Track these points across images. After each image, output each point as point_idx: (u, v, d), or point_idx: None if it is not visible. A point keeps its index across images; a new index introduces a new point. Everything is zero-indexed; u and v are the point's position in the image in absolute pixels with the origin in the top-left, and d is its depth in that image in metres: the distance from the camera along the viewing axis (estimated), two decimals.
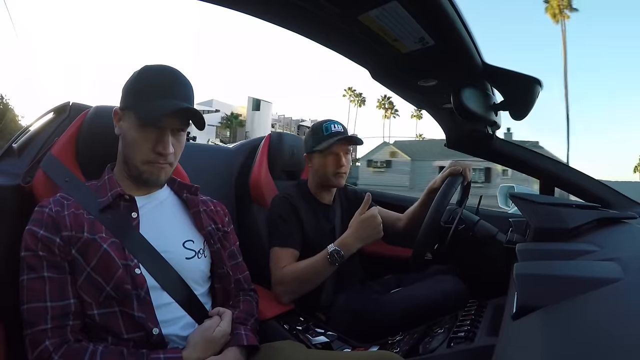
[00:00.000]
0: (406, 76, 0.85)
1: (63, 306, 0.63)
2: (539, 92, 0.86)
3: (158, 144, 0.71)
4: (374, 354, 0.75)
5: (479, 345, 0.69)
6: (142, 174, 0.72)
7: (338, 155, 1.15)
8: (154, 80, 0.71)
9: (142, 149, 0.71)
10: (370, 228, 1.00)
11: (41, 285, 0.63)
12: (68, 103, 0.99)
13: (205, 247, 0.80)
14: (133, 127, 0.70)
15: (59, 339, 0.62)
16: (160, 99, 0.70)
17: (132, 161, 0.72)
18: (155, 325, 0.67)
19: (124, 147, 0.73)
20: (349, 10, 0.58)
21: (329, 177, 1.16)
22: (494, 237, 1.06)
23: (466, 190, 1.17)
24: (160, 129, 0.71)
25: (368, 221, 1.00)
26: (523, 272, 0.50)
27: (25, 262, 0.64)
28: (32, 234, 0.65)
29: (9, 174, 0.87)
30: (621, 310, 0.38)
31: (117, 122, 0.74)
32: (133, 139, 0.71)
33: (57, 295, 0.63)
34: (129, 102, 0.71)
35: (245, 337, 0.74)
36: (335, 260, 0.98)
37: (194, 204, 0.82)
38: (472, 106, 0.88)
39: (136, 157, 0.71)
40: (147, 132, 0.70)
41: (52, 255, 0.64)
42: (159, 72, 0.73)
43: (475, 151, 1.29)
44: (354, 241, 1.00)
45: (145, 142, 0.70)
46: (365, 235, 1.00)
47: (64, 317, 0.63)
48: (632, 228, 0.78)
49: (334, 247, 0.99)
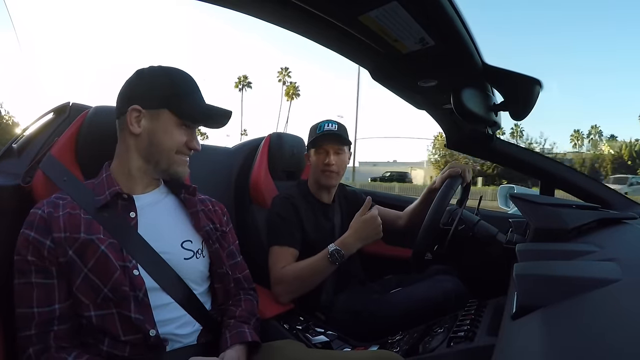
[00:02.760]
0: (406, 76, 0.85)
1: (49, 312, 0.63)
2: (539, 93, 0.87)
3: (192, 141, 0.76)
4: (374, 354, 0.75)
5: (478, 345, 0.69)
6: (173, 165, 0.75)
7: (327, 153, 1.17)
8: (185, 81, 0.76)
9: (180, 143, 0.74)
10: (370, 229, 1.02)
11: (29, 291, 0.63)
12: (68, 103, 0.99)
13: (203, 247, 0.79)
14: (169, 124, 0.73)
15: (42, 345, 0.62)
16: (196, 98, 0.75)
17: (166, 154, 0.74)
18: (152, 326, 0.66)
19: (151, 145, 0.73)
20: (349, 10, 0.59)
21: (318, 174, 1.19)
22: (494, 237, 1.06)
23: (466, 191, 1.17)
24: (192, 128, 0.76)
25: (369, 222, 1.02)
26: (523, 272, 0.50)
27: (16, 266, 0.65)
28: (24, 237, 0.65)
29: (9, 174, 0.87)
30: (620, 310, 0.38)
31: (136, 121, 0.72)
32: (170, 135, 0.73)
33: (44, 301, 0.63)
34: (162, 101, 0.72)
35: (249, 334, 0.74)
36: (336, 260, 1.00)
37: (192, 204, 0.82)
38: (472, 106, 0.88)
39: (172, 149, 0.74)
40: (183, 129, 0.74)
41: (41, 259, 0.64)
42: (184, 73, 0.77)
43: (475, 151, 1.29)
44: (355, 241, 1.02)
45: (181, 137, 0.74)
46: (365, 235, 1.02)
47: (48, 323, 0.63)
48: (632, 228, 0.78)
49: (335, 246, 1.01)
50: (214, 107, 0.76)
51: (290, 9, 0.59)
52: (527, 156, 1.22)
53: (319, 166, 1.18)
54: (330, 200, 1.25)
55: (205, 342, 0.74)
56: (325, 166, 1.16)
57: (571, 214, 0.85)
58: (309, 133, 1.23)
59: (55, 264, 0.65)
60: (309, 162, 1.23)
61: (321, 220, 1.19)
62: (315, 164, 1.19)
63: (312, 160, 1.20)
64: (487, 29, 75.60)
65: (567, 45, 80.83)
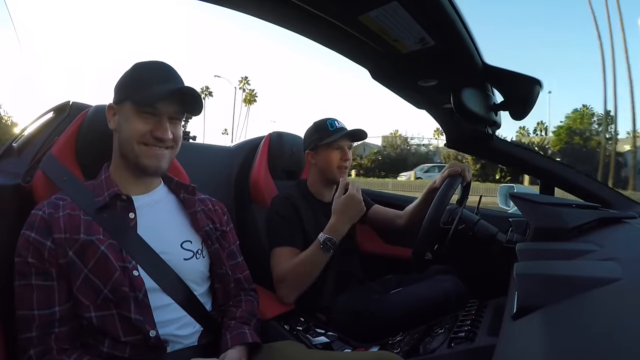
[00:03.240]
0: (406, 76, 0.85)
1: (49, 314, 0.63)
2: (539, 92, 0.86)
3: (156, 130, 0.70)
4: (374, 355, 0.75)
5: (479, 346, 0.69)
6: (139, 157, 0.71)
7: (344, 149, 1.19)
8: (148, 71, 0.73)
9: (140, 132, 0.70)
10: (352, 207, 1.03)
11: (30, 293, 0.63)
12: (68, 102, 0.99)
13: (203, 248, 0.79)
14: (130, 115, 0.70)
15: (43, 347, 0.62)
16: (156, 85, 0.70)
17: (129, 146, 0.71)
18: (152, 327, 0.66)
19: (120, 139, 0.73)
20: (349, 10, 0.58)
21: (334, 171, 1.19)
22: (494, 236, 1.06)
23: (466, 190, 1.17)
24: (157, 116, 0.71)
25: (349, 201, 1.03)
26: (523, 271, 0.50)
27: (16, 268, 0.65)
28: (25, 238, 0.65)
29: (9, 173, 0.87)
30: (621, 310, 0.38)
31: (112, 117, 0.74)
32: (130, 125, 0.70)
33: (44, 303, 0.63)
34: (124, 94, 0.72)
35: (249, 335, 0.74)
36: (329, 248, 1.00)
37: (191, 204, 0.81)
38: (472, 106, 0.88)
39: (133, 140, 0.70)
40: (145, 118, 0.70)
41: (41, 261, 0.64)
42: (151, 63, 0.74)
43: (475, 151, 1.29)
44: (342, 224, 1.03)
45: (143, 126, 0.70)
46: (350, 215, 1.04)
47: (49, 325, 0.63)
48: (632, 228, 0.78)
49: (325, 235, 1.02)
50: (173, 87, 0.70)
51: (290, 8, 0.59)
52: (527, 155, 1.22)
53: (334, 163, 1.18)
54: (330, 198, 1.25)
55: (206, 343, 0.74)
56: (342, 162, 1.18)
57: (571, 213, 0.85)
58: (315, 131, 1.22)
59: (56, 266, 0.65)
60: (313, 161, 1.22)
61: (321, 219, 1.19)
62: (327, 161, 1.19)
63: (325, 157, 1.19)
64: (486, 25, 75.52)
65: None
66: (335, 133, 1.18)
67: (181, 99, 0.72)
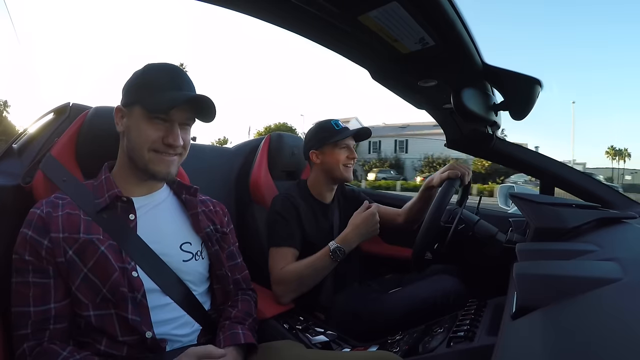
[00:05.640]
0: (406, 77, 0.85)
1: (44, 311, 0.63)
2: (539, 92, 0.87)
3: (168, 136, 0.70)
4: (374, 354, 0.76)
5: (478, 345, 0.69)
6: (148, 164, 0.70)
7: (350, 148, 1.21)
8: (160, 74, 0.71)
9: (151, 139, 0.69)
10: (369, 226, 1.06)
11: (26, 290, 0.63)
12: (68, 104, 0.99)
13: (203, 249, 0.79)
14: (140, 120, 0.69)
15: (37, 342, 0.62)
16: (168, 91, 0.69)
17: (139, 152, 0.70)
18: (149, 328, 0.66)
19: (129, 143, 0.72)
20: (349, 10, 0.59)
21: (340, 170, 1.19)
22: (494, 236, 1.06)
23: (466, 191, 1.17)
24: (169, 122, 0.70)
25: (368, 218, 1.06)
26: (523, 271, 0.50)
27: (14, 265, 0.65)
28: (22, 236, 0.65)
29: (9, 174, 0.87)
30: (620, 310, 0.39)
31: (120, 120, 0.73)
32: (140, 131, 0.69)
33: (40, 300, 0.63)
34: (135, 97, 0.70)
35: (242, 335, 0.74)
36: (338, 257, 1.02)
37: (192, 206, 0.81)
38: (472, 106, 0.88)
39: (143, 147, 0.69)
40: (155, 124, 0.69)
41: (38, 259, 0.64)
42: (164, 66, 0.73)
43: (475, 151, 1.29)
44: (354, 237, 1.05)
45: (154, 132, 0.69)
46: (365, 231, 1.06)
47: (44, 322, 0.63)
48: (632, 228, 0.78)
49: (336, 244, 1.03)
50: (187, 94, 0.69)
51: (290, 9, 0.59)
52: (527, 156, 1.22)
53: (341, 161, 1.19)
54: (330, 199, 1.25)
55: (205, 342, 0.74)
56: (349, 160, 1.20)
57: (571, 213, 0.85)
58: (320, 131, 1.21)
59: (53, 264, 0.65)
60: (318, 160, 1.21)
61: (321, 220, 1.20)
62: (334, 159, 1.19)
63: (331, 156, 1.19)
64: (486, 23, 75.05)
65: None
66: (342, 132, 1.19)
67: (194, 105, 0.72)
